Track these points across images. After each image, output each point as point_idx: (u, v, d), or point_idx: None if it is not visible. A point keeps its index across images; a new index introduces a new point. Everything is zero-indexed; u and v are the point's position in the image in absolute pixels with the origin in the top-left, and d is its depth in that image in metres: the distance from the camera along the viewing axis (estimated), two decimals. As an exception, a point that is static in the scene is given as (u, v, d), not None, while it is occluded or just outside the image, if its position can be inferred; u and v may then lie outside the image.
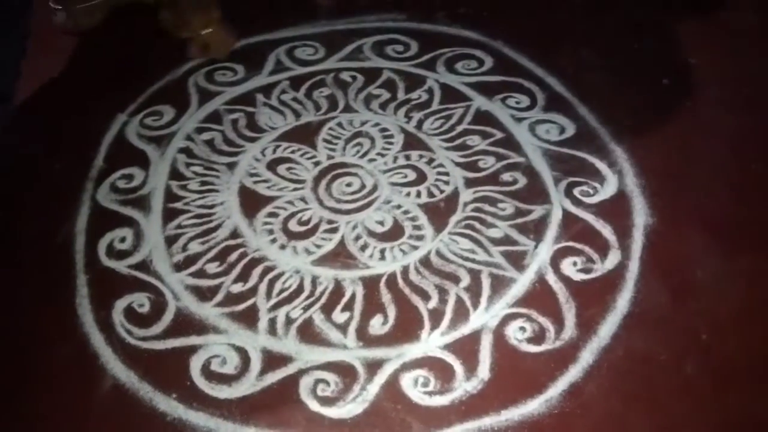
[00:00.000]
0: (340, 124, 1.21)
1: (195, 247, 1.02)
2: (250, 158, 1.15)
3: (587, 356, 0.90)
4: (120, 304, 0.94)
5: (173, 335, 0.91)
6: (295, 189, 1.11)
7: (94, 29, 1.37)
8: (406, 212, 1.07)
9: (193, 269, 0.99)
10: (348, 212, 1.07)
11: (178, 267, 0.99)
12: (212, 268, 0.99)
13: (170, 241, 1.02)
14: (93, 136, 1.18)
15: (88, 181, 1.11)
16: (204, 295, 0.96)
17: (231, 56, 1.32)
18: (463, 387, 0.87)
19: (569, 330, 0.93)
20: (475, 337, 0.92)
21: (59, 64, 1.31)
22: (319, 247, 1.02)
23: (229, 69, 1.31)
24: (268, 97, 1.26)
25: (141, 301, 0.95)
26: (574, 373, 0.88)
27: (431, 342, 0.91)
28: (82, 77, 1.30)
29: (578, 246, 1.02)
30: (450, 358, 0.89)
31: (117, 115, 1.22)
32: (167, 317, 0.93)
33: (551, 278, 0.98)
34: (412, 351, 0.90)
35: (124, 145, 1.17)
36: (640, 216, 1.06)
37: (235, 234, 1.04)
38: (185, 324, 0.92)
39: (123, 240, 1.02)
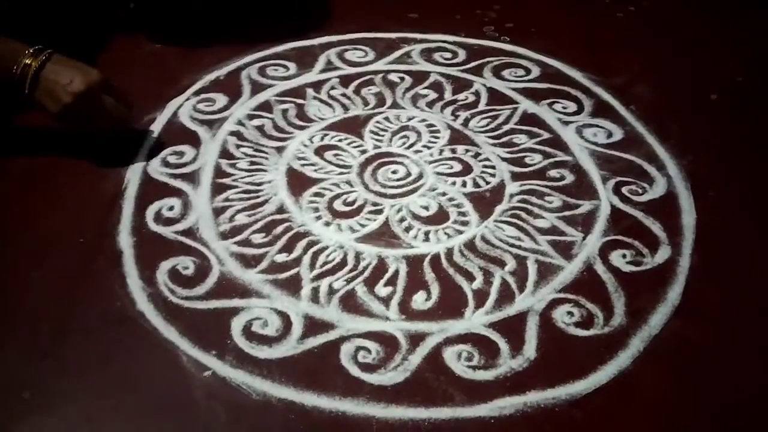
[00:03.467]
0: (387, 118, 1.23)
1: (241, 219, 1.02)
2: (298, 143, 1.17)
3: (637, 343, 0.87)
4: (165, 266, 0.94)
5: (216, 297, 0.91)
6: (341, 173, 1.11)
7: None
8: (451, 199, 1.07)
9: (238, 238, 0.99)
10: (393, 197, 1.07)
11: (224, 236, 0.99)
12: (258, 238, 0.99)
13: (217, 212, 1.03)
14: (146, 118, 1.20)
15: (140, 156, 1.13)
16: (248, 262, 0.95)
17: (283, 56, 1.37)
18: (509, 364, 0.84)
19: (618, 317, 0.90)
20: (521, 318, 0.89)
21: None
22: (363, 226, 1.02)
23: (282, 66, 1.35)
24: (318, 92, 1.28)
25: (186, 264, 0.95)
26: (624, 358, 0.85)
27: (475, 320, 0.89)
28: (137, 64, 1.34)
29: (627, 240, 1.00)
30: (495, 336, 0.87)
31: (170, 100, 1.25)
32: (210, 280, 0.93)
33: (600, 268, 0.96)
34: (456, 327, 0.88)
35: (176, 126, 1.19)
36: (690, 216, 1.05)
37: (281, 209, 1.04)
38: (228, 287, 0.92)
39: (171, 208, 1.03)
